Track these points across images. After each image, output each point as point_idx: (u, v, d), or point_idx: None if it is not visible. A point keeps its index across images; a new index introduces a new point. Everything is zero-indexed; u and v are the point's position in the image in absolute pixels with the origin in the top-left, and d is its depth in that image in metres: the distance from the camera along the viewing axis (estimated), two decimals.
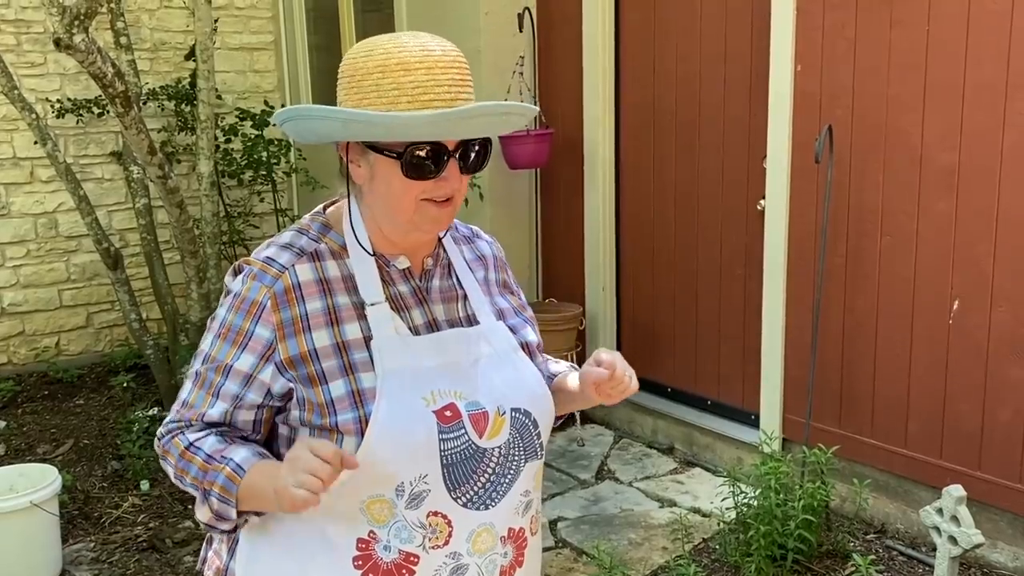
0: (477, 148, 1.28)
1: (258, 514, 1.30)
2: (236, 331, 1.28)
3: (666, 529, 3.43)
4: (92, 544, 3.46)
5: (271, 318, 1.26)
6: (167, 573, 3.26)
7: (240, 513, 1.27)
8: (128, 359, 5.35)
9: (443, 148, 1.24)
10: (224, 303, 1.32)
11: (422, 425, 1.25)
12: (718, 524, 3.34)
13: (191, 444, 1.28)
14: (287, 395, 1.28)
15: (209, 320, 1.34)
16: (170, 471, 1.32)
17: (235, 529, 1.30)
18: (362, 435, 1.23)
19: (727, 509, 3.20)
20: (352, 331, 1.28)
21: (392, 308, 1.31)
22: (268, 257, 1.30)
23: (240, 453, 1.25)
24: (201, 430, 1.30)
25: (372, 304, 1.30)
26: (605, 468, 4.06)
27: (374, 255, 1.33)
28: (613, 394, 1.36)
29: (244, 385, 1.27)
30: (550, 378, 1.51)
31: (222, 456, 1.25)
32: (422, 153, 1.23)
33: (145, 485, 3.86)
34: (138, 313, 4.65)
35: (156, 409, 4.50)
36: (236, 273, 1.32)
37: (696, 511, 3.60)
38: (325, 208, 1.40)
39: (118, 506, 3.72)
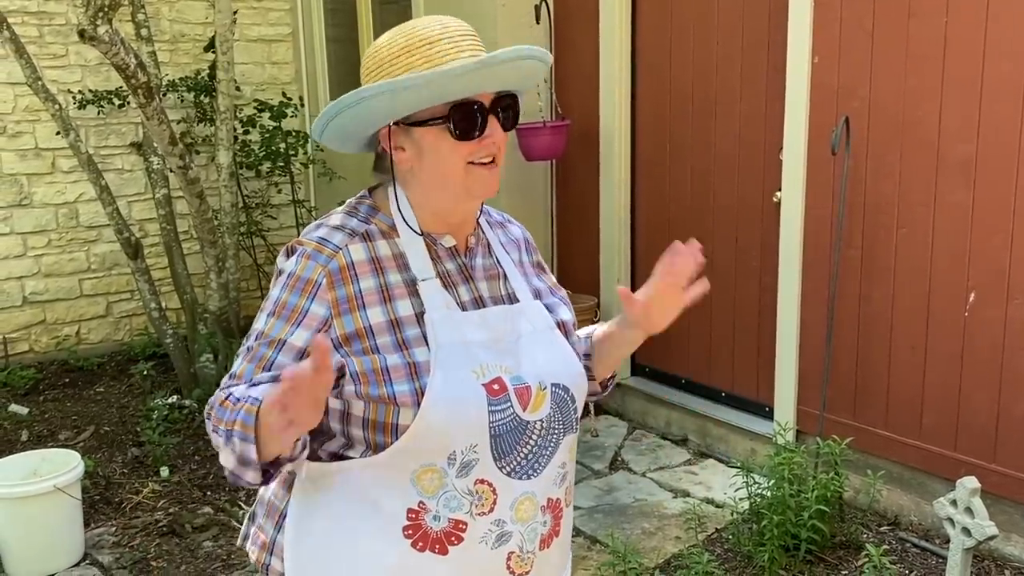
0: (510, 103, 1.35)
1: (278, 465, 1.24)
2: (291, 309, 1.30)
3: (679, 519, 3.45)
4: (113, 528, 3.51)
5: (326, 296, 1.30)
6: (187, 557, 3.32)
7: (265, 469, 1.23)
8: (147, 348, 5.41)
9: (481, 105, 1.31)
10: (277, 283, 1.34)
11: (473, 397, 1.30)
12: (731, 514, 3.36)
13: (229, 395, 1.26)
14: (339, 370, 1.29)
15: (263, 302, 1.37)
16: (209, 429, 1.28)
17: (264, 481, 1.26)
18: (418, 406, 1.27)
19: (740, 500, 3.22)
20: (404, 308, 1.33)
21: (441, 285, 1.36)
22: (321, 237, 1.34)
23: (262, 389, 1.21)
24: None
25: (424, 280, 1.35)
26: (619, 459, 4.08)
27: (422, 234, 1.38)
28: (666, 297, 1.44)
29: (298, 359, 1.28)
30: (587, 339, 1.58)
31: (248, 396, 1.22)
32: (465, 113, 1.30)
33: (165, 471, 3.91)
34: (158, 302, 4.70)
35: (175, 397, 4.57)
36: (289, 254, 1.35)
37: (709, 502, 3.62)
38: (370, 191, 1.44)
39: (138, 492, 3.77)
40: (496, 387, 1.32)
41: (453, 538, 1.31)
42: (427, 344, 1.31)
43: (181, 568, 3.25)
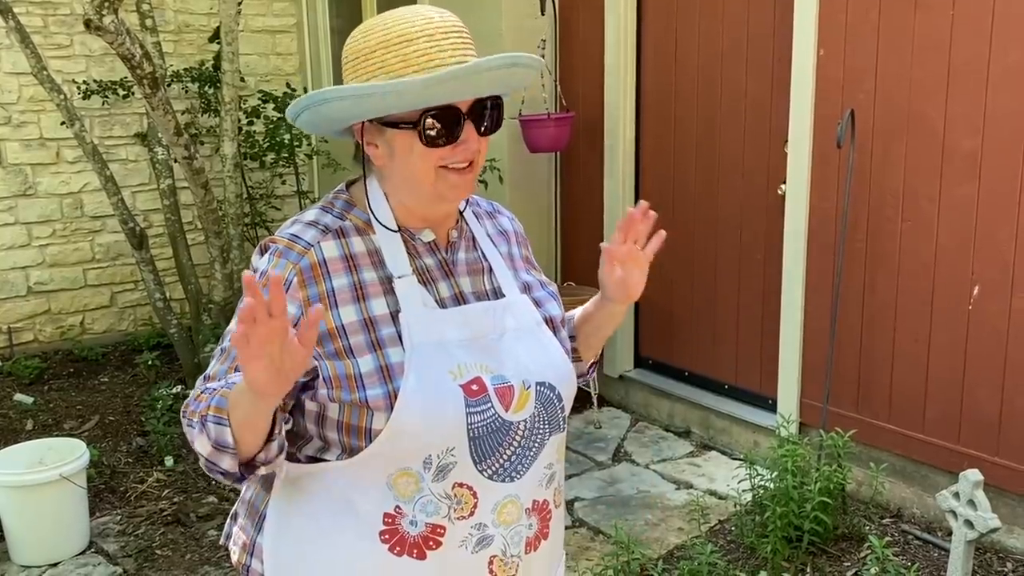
0: (490, 107, 1.28)
1: (253, 468, 1.22)
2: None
3: (682, 510, 3.46)
4: (118, 517, 3.53)
5: (298, 295, 1.26)
6: (191, 546, 3.33)
7: (247, 463, 1.20)
8: (152, 338, 5.42)
9: (456, 111, 1.25)
10: None
11: (450, 399, 1.25)
12: (734, 506, 3.36)
13: (204, 389, 1.25)
14: (311, 372, 1.27)
15: (239, 302, 1.31)
16: (184, 425, 1.26)
17: (240, 477, 1.23)
18: (391, 409, 1.24)
19: (744, 491, 3.23)
20: (379, 306, 1.28)
21: (419, 281, 1.32)
22: (293, 234, 1.30)
23: (236, 376, 1.20)
24: None
25: (399, 277, 1.30)
26: (622, 450, 4.09)
27: (399, 230, 1.33)
28: (632, 264, 1.47)
29: None
30: (569, 320, 1.55)
31: (225, 383, 1.22)
32: (437, 119, 1.24)
33: (169, 461, 3.92)
34: (162, 292, 4.71)
35: (180, 387, 4.57)
36: (262, 252, 1.32)
37: (712, 493, 3.63)
38: (347, 186, 1.40)
39: (143, 481, 3.79)
40: (475, 387, 1.27)
41: (431, 543, 1.28)
42: (402, 344, 1.26)
43: (186, 557, 3.27)
